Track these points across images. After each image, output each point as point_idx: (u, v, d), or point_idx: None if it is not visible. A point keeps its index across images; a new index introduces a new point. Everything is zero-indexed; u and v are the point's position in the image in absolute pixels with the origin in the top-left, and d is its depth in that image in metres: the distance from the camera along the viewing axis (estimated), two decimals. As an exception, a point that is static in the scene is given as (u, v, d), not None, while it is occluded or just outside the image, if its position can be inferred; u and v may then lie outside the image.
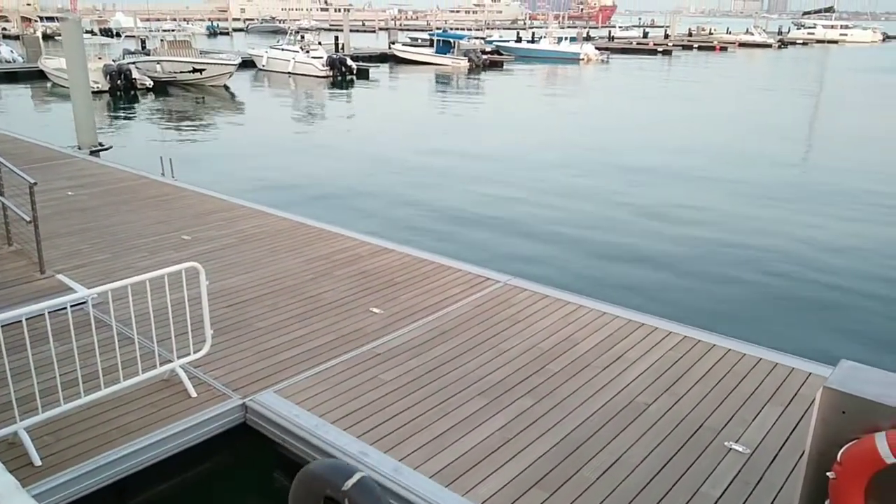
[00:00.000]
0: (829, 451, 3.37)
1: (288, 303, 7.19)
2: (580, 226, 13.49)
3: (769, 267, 11.31)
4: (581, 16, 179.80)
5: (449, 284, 7.75)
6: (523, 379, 5.78)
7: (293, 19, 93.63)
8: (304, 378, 5.71)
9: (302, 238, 9.24)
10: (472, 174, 17.90)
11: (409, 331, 6.60)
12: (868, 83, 46.18)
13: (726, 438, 5.00)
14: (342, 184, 16.72)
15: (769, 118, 29.13)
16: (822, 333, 9.09)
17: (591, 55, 60.55)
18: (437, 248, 9.49)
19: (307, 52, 45.68)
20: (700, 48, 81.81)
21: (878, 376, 3.46)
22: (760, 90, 40.66)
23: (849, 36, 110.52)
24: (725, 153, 21.12)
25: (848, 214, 14.47)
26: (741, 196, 15.85)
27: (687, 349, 6.35)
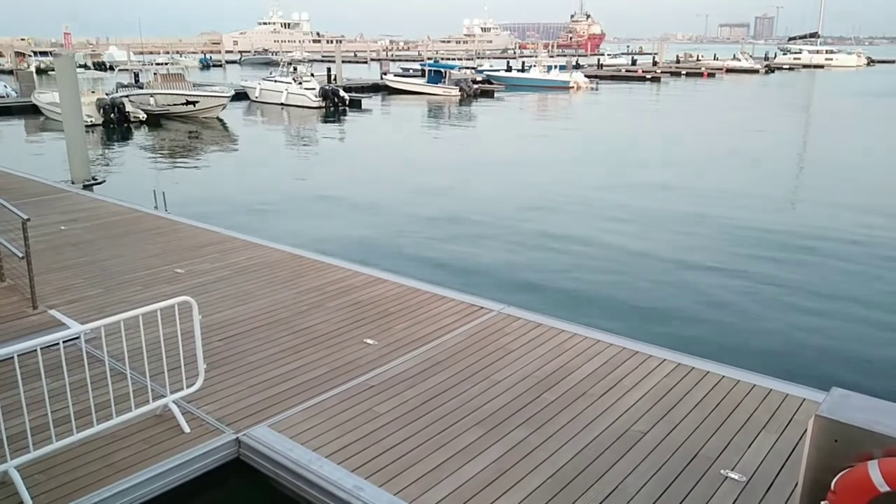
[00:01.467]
0: (822, 480, 3.38)
1: (281, 335, 7.18)
2: (573, 254, 13.54)
3: (761, 293, 11.36)
4: (570, 44, 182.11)
5: (443, 314, 7.75)
6: (519, 409, 5.77)
7: (286, 51, 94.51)
8: (298, 412, 5.69)
9: (295, 269, 9.25)
10: (466, 202, 17.98)
11: (404, 362, 6.59)
12: (860, 107, 46.76)
13: (722, 466, 4.99)
14: (337, 214, 16.77)
15: (762, 147, 29.44)
16: (814, 359, 9.11)
17: (581, 83, 61.26)
18: (431, 278, 9.51)
19: (300, 83, 46.05)
20: (688, 75, 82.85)
21: (868, 403, 3.47)
22: (751, 117, 41.13)
23: (834, 60, 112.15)
24: (719, 183, 21.30)
25: (836, 239, 14.58)
26: (730, 224, 15.96)
27: (681, 376, 6.35)
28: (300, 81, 46.28)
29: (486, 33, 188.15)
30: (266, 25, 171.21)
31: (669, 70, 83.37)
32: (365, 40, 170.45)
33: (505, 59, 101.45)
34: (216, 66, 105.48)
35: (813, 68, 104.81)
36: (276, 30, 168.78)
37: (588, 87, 61.15)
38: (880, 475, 3.13)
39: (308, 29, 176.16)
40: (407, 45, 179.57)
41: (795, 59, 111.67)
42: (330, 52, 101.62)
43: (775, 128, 35.01)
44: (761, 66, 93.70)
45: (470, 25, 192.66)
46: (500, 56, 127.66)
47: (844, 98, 54.81)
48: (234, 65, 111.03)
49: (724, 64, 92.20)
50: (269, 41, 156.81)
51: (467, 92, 54.37)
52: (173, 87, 39.36)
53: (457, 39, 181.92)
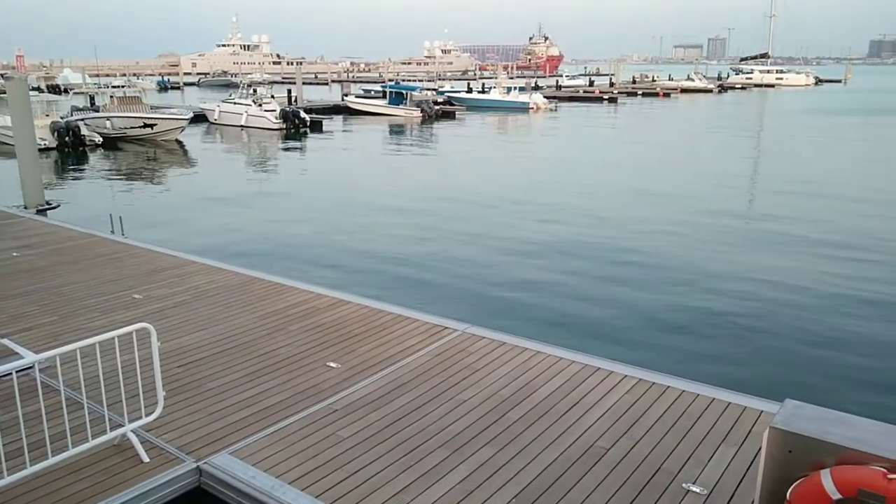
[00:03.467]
0: (779, 490, 3.46)
1: (242, 360, 7.09)
2: (532, 271, 13.66)
3: (721, 307, 11.60)
4: (529, 66, 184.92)
5: (407, 335, 7.75)
6: (484, 428, 5.78)
7: (245, 73, 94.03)
8: (260, 438, 5.61)
9: (256, 293, 9.16)
10: (429, 222, 18.04)
11: (368, 384, 6.56)
12: (807, 125, 48.28)
13: (684, 480, 5.06)
14: (297, 236, 16.66)
15: (716, 163, 30.17)
16: (769, 371, 9.32)
17: (541, 104, 62.12)
18: (395, 298, 9.50)
19: (260, 105, 45.83)
20: (644, 95, 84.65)
21: (820, 414, 3.58)
22: (706, 133, 42.15)
23: (784, 80, 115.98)
24: (675, 197, 21.74)
25: (789, 253, 14.98)
26: (686, 239, 16.30)
27: (643, 392, 6.44)
28: (260, 103, 46.06)
29: (447, 55, 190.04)
30: (225, 47, 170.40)
31: (626, 91, 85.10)
32: (326, 62, 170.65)
33: (465, 81, 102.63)
34: (174, 88, 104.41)
35: (764, 87, 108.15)
36: (235, 52, 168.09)
37: (547, 108, 62.03)
38: (832, 483, 3.22)
39: (268, 51, 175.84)
40: (368, 67, 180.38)
41: (747, 78, 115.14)
42: (290, 73, 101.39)
43: (731, 148, 35.94)
44: (715, 86, 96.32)
45: (430, 47, 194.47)
46: (461, 77, 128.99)
47: (795, 116, 56.58)
48: (192, 87, 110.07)
49: (679, 84, 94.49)
50: (229, 63, 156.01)
51: (429, 113, 54.73)
52: (130, 109, 38.83)
53: (417, 61, 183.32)
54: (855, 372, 9.23)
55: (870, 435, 3.51)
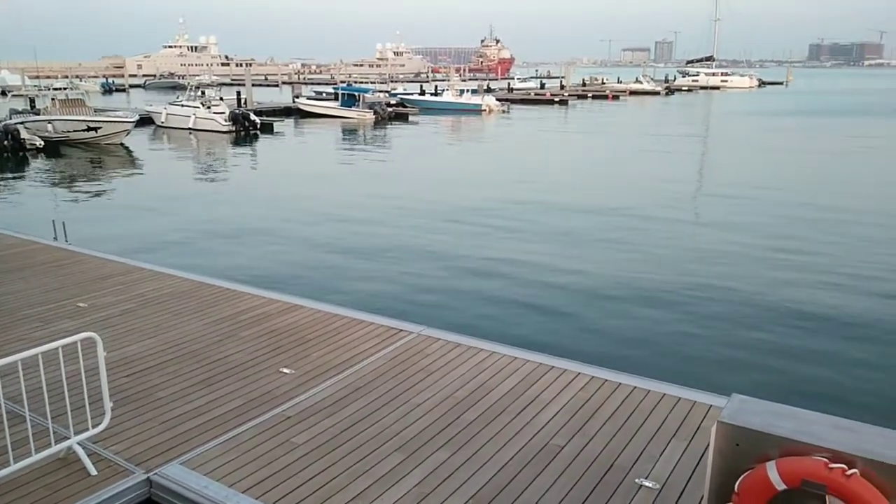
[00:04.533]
0: (727, 483, 3.54)
1: (192, 368, 6.94)
2: (482, 272, 13.74)
3: (668, 306, 11.84)
4: (481, 68, 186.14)
5: (361, 339, 7.70)
6: (440, 430, 5.78)
7: (193, 75, 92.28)
8: (212, 447, 5.50)
9: (206, 299, 8.99)
10: (383, 226, 17.97)
11: (322, 390, 6.49)
12: (751, 125, 49.70)
13: (637, 475, 5.15)
14: (247, 241, 16.41)
15: (664, 167, 30.81)
16: (719, 366, 9.56)
17: (493, 106, 62.52)
18: (349, 302, 9.43)
19: (208, 107, 45.01)
20: (594, 97, 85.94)
21: (766, 407, 3.68)
22: (653, 136, 43.04)
23: (729, 82, 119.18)
24: (622, 200, 22.11)
25: (728, 253, 15.40)
26: (632, 239, 16.62)
27: (595, 389, 6.53)
28: (209, 105, 45.23)
29: (399, 57, 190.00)
30: (172, 49, 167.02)
31: (576, 93, 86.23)
32: (276, 63, 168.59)
33: (418, 83, 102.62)
34: (119, 90, 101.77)
35: (710, 90, 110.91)
36: (182, 53, 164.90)
37: (500, 111, 62.47)
38: (777, 474, 3.32)
39: (216, 52, 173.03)
40: (319, 69, 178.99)
41: (693, 81, 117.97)
42: (239, 75, 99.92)
43: (677, 149, 36.76)
44: (662, 89, 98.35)
45: (383, 49, 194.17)
46: (414, 80, 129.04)
47: (739, 118, 58.21)
48: (138, 89, 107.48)
49: (628, 87, 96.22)
50: (176, 65, 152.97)
51: (382, 115, 54.58)
52: (73, 112, 37.69)
53: (370, 63, 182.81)
54: (798, 364, 9.53)
55: (812, 427, 3.63)
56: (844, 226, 17.81)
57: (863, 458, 3.35)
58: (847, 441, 3.46)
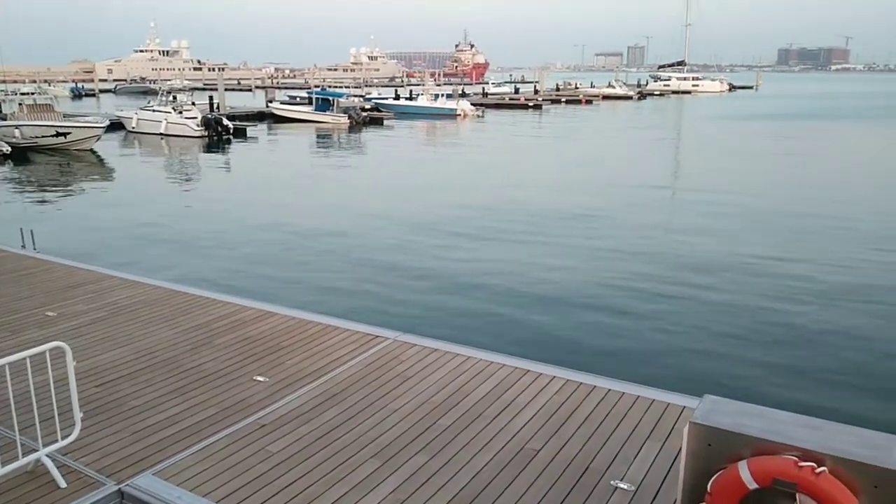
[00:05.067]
0: (700, 483, 3.58)
1: (165, 377, 6.85)
2: (458, 277, 13.75)
3: (637, 307, 11.96)
4: (456, 73, 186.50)
5: (337, 345, 7.66)
6: (416, 436, 5.77)
7: (164, 79, 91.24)
8: (186, 457, 5.43)
9: (178, 307, 8.88)
10: (354, 230, 17.91)
11: (297, 397, 6.44)
12: (722, 129, 50.42)
13: (612, 477, 5.18)
14: (220, 248, 16.26)
15: (634, 169, 31.12)
16: (693, 368, 9.66)
17: (468, 111, 62.69)
18: (324, 308, 9.39)
19: (180, 112, 44.57)
20: (568, 102, 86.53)
21: (737, 408, 3.73)
22: (626, 140, 43.47)
23: (700, 87, 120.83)
24: (594, 204, 22.29)
25: (700, 254, 15.60)
26: (604, 244, 16.76)
27: (571, 392, 6.57)
28: (180, 110, 44.79)
29: (374, 62, 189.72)
30: (143, 53, 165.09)
31: (550, 98, 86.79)
32: (249, 68, 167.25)
33: (393, 88, 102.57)
34: (89, 95, 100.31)
35: (681, 94, 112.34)
36: (153, 57, 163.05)
37: (474, 115, 62.67)
38: (749, 474, 3.36)
39: (188, 56, 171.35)
40: (293, 73, 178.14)
41: (665, 85, 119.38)
42: (212, 79, 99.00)
43: (649, 153, 37.17)
44: (634, 93, 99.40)
45: (357, 54, 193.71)
46: (388, 84, 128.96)
47: (711, 122, 59.02)
48: (108, 94, 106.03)
49: (601, 91, 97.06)
50: (147, 69, 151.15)
51: (356, 120, 54.47)
52: (41, 118, 37.09)
53: (344, 67, 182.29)
54: (768, 364, 9.67)
55: (782, 426, 3.68)
56: (811, 227, 18.13)
57: (831, 456, 3.41)
58: (816, 439, 3.52)
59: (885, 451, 3.44)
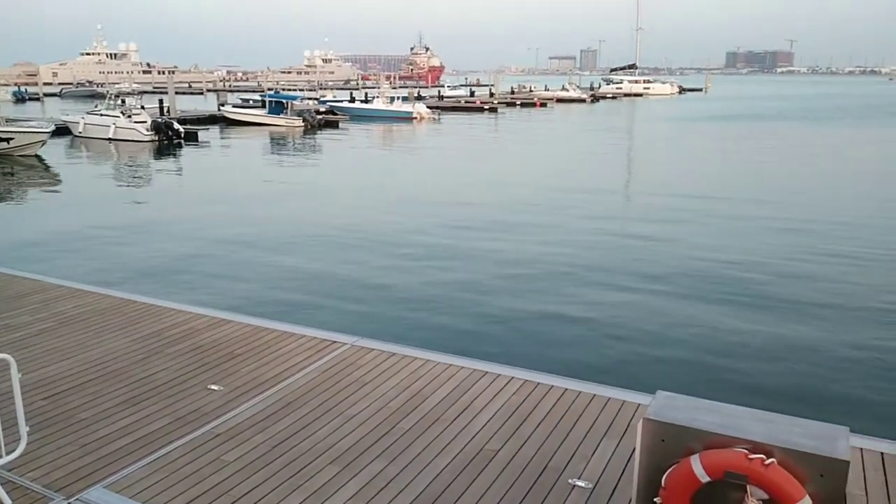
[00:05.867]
0: (655, 478, 3.65)
1: (116, 388, 6.68)
2: (412, 281, 13.75)
3: (593, 306, 12.13)
4: (411, 76, 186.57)
5: (293, 352, 7.58)
6: (375, 441, 5.74)
7: (112, 83, 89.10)
8: (138, 469, 5.31)
9: (129, 315, 8.67)
10: (307, 236, 17.76)
11: (252, 405, 6.35)
12: (675, 130, 51.50)
13: (570, 476, 5.24)
14: (172, 254, 15.93)
15: (589, 169, 31.56)
16: (644, 364, 9.84)
17: (424, 114, 62.76)
18: (279, 315, 9.28)
19: (129, 116, 43.58)
20: (523, 105, 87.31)
21: (689, 403, 3.81)
22: (580, 142, 44.07)
23: (651, 89, 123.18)
24: (548, 203, 22.54)
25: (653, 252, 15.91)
26: (551, 242, 16.96)
27: (528, 392, 6.62)
28: (129, 114, 43.80)
29: (328, 64, 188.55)
30: (90, 56, 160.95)
31: (506, 101, 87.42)
32: (200, 71, 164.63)
33: (348, 90, 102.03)
34: (33, 99, 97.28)
35: (633, 97, 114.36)
36: (101, 60, 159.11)
37: (431, 118, 62.76)
38: (701, 467, 3.44)
39: (137, 59, 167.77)
40: (246, 76, 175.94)
41: (618, 88, 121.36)
42: (162, 83, 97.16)
43: (603, 154, 37.73)
44: (588, 96, 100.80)
45: (311, 56, 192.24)
46: (343, 87, 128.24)
47: (663, 123, 60.22)
48: (53, 98, 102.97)
49: (555, 94, 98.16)
50: (94, 72, 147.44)
51: (311, 123, 54.02)
52: (-19, 123, 35.86)
53: (298, 70, 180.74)
54: (720, 359, 9.91)
55: (733, 419, 3.77)
56: (764, 227, 18.63)
57: (780, 448, 3.51)
58: (765, 432, 3.62)
59: (830, 441, 3.55)
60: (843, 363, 9.81)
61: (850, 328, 11.06)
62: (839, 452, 3.44)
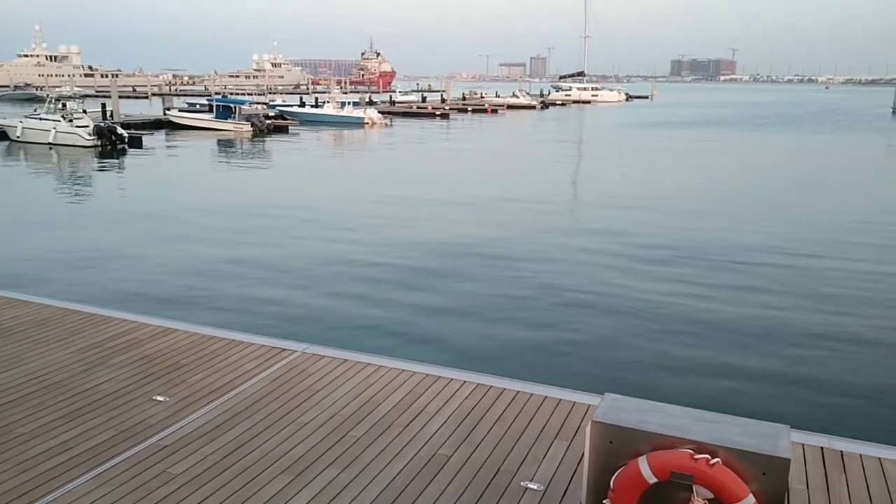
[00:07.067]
0: (604, 479, 3.70)
1: (57, 401, 6.45)
2: (362, 287, 13.69)
3: (543, 310, 12.26)
4: (362, 81, 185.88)
5: (241, 360, 7.44)
6: (326, 449, 5.68)
7: (52, 86, 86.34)
8: (81, 484, 5.13)
9: (69, 326, 8.38)
10: (254, 242, 17.50)
11: (200, 416, 6.21)
12: (623, 136, 52.49)
13: (522, 478, 5.27)
14: (114, 262, 15.49)
15: (541, 175, 31.94)
16: (593, 366, 9.99)
17: (376, 119, 62.56)
18: (227, 323, 9.11)
19: (70, 120, 42.28)
20: (474, 111, 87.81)
21: (636, 405, 3.88)
22: (531, 148, 44.55)
23: (599, 96, 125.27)
24: (496, 209, 22.71)
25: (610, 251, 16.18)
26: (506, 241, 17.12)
27: (481, 396, 6.64)
28: (71, 118, 42.50)
29: (277, 69, 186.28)
30: (28, 58, 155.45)
31: (457, 107, 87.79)
32: (145, 74, 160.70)
33: (298, 95, 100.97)
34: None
35: (582, 103, 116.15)
36: (40, 63, 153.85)
37: (382, 123, 62.59)
38: (648, 468, 3.50)
39: (79, 62, 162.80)
40: (192, 80, 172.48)
41: (566, 95, 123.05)
42: (105, 86, 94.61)
43: (555, 160, 38.23)
44: (538, 103, 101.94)
45: (260, 60, 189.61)
46: (293, 92, 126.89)
47: (612, 129, 61.34)
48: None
49: (505, 101, 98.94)
50: (33, 75, 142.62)
51: (260, 128, 53.26)
52: (-89, 126, 34.28)
53: (246, 74, 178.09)
54: (664, 361, 10.12)
55: (679, 420, 3.85)
56: (712, 228, 19.13)
57: (724, 448, 3.60)
58: (710, 432, 3.71)
59: (771, 439, 3.66)
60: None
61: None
62: (780, 450, 3.55)
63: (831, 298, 12.98)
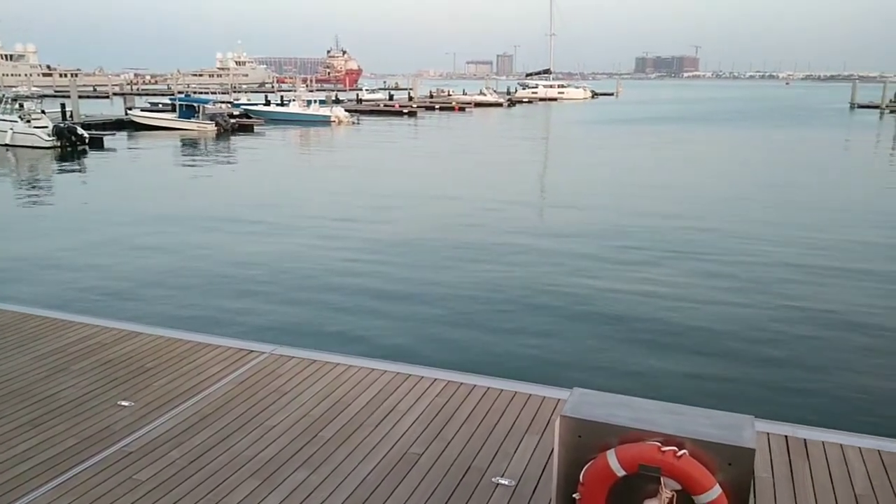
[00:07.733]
0: (573, 474, 3.72)
1: (16, 409, 6.29)
2: (329, 286, 13.62)
3: (513, 306, 12.31)
4: (329, 79, 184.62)
5: (208, 363, 7.33)
6: (296, 451, 5.62)
7: (9, 86, 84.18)
8: (43, 493, 5.01)
9: (29, 332, 8.18)
10: (219, 243, 17.28)
11: (166, 420, 6.11)
12: (586, 133, 52.96)
13: (493, 474, 5.29)
14: (74, 265, 15.16)
15: (510, 173, 32.06)
16: (562, 361, 10.06)
17: (342, 117, 62.18)
18: (192, 326, 8.97)
19: (28, 121, 41.29)
20: (442, 109, 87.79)
21: (605, 399, 3.91)
22: (500, 146, 44.69)
23: (565, 94, 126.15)
24: (465, 207, 22.76)
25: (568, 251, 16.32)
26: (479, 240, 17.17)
27: (451, 393, 6.64)
28: (28, 119, 41.50)
29: (242, 67, 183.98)
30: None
31: (425, 105, 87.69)
32: (105, 73, 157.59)
33: (263, 93, 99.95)
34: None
35: (548, 101, 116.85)
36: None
37: (349, 122, 62.24)
38: (617, 462, 3.53)
39: (36, 61, 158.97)
40: (154, 79, 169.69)
41: (533, 93, 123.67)
42: (64, 86, 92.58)
43: (525, 158, 38.40)
44: (505, 100, 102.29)
45: (223, 59, 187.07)
46: (258, 90, 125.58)
47: (578, 126, 61.85)
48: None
49: (473, 99, 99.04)
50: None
51: (224, 127, 52.58)
52: None
53: (210, 73, 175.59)
54: (634, 356, 10.24)
55: (647, 414, 3.89)
56: (675, 225, 19.41)
57: (690, 439, 3.64)
58: (676, 424, 3.75)
59: (737, 430, 3.71)
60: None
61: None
62: (745, 441, 3.61)
63: (794, 288, 13.25)
